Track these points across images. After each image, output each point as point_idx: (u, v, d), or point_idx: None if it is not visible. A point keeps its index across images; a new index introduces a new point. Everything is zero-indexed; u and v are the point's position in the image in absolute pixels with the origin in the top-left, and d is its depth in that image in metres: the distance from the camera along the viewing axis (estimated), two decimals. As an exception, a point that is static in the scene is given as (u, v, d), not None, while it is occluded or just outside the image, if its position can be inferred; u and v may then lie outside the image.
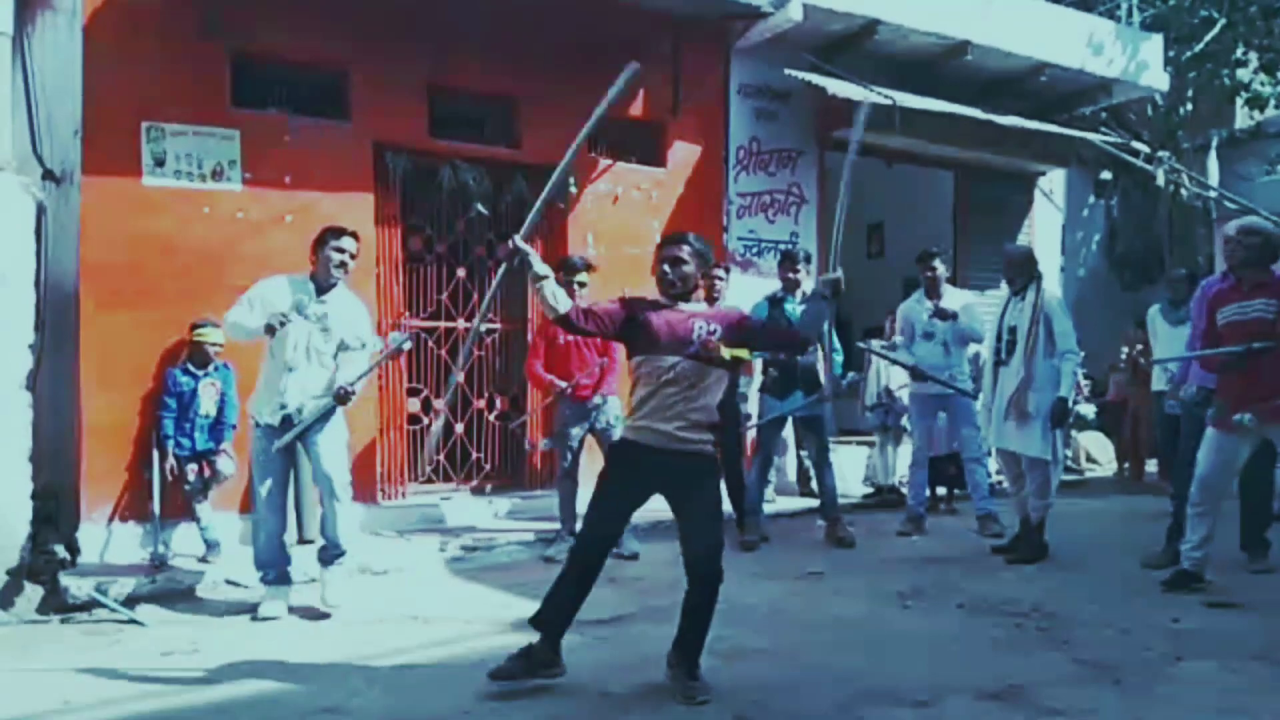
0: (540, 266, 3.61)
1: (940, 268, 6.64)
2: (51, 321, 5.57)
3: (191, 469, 5.50)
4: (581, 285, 5.79)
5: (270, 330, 4.42)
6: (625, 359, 3.81)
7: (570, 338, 5.80)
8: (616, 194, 7.34)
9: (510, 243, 3.66)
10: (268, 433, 4.56)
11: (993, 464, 6.89)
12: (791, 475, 7.88)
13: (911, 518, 6.67)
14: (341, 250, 4.59)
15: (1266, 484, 5.56)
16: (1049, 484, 5.68)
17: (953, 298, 6.68)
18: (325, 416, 4.59)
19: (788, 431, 7.06)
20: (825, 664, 3.86)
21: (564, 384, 5.78)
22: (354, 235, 4.70)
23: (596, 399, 5.87)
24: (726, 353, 3.53)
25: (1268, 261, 4.69)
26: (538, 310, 7.10)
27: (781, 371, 6.21)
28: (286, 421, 4.54)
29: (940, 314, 6.42)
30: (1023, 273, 5.77)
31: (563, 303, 3.61)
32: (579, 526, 4.02)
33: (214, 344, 5.57)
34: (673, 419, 3.54)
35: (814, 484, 6.75)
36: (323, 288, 4.60)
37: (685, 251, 3.68)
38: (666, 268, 3.67)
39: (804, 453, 7.40)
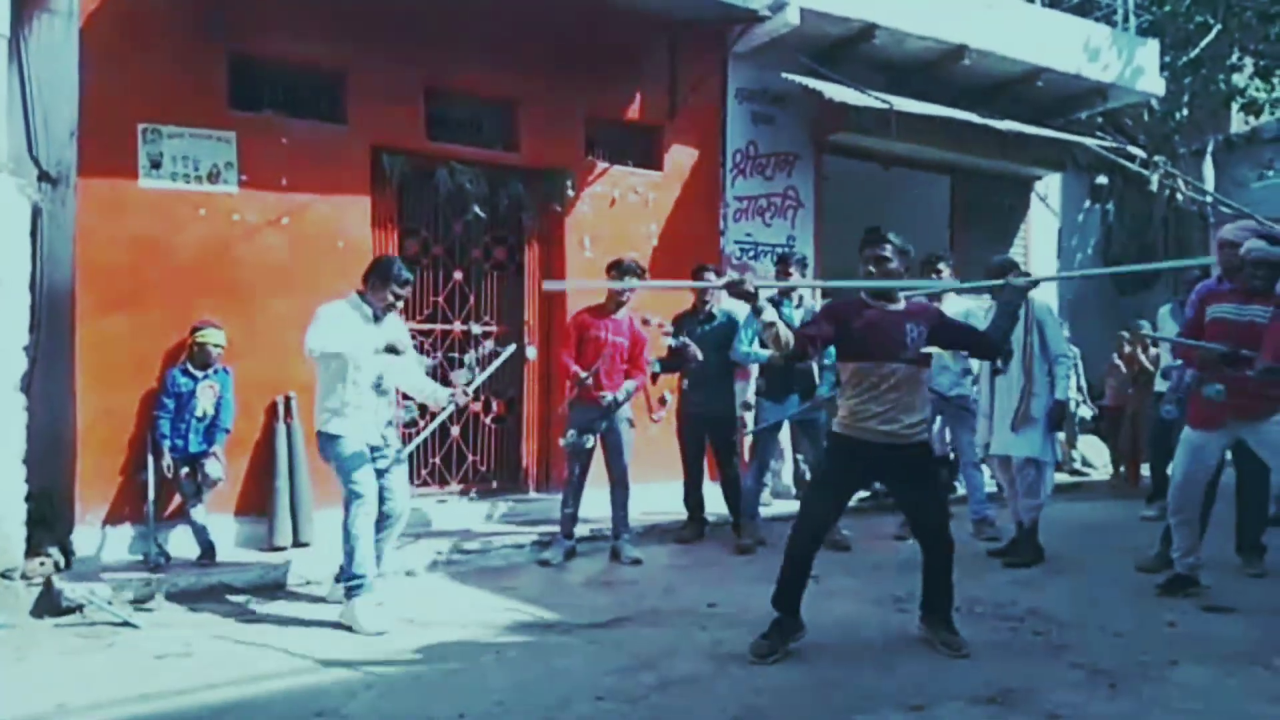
0: (769, 313, 3.81)
1: (945, 273, 6.64)
2: (47, 323, 5.56)
3: (184, 471, 5.48)
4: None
5: (392, 351, 4.63)
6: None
7: (602, 334, 5.86)
8: (613, 197, 7.34)
9: (744, 281, 3.86)
10: (358, 449, 4.66)
11: (986, 468, 6.89)
12: (788, 478, 7.87)
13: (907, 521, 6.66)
14: (401, 296, 4.82)
15: (1263, 488, 5.57)
16: (1039, 484, 5.72)
17: (953, 303, 6.68)
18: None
19: (784, 435, 7.06)
20: (821, 667, 3.86)
21: (585, 374, 5.75)
22: (412, 277, 4.97)
23: (608, 397, 5.82)
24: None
25: (1273, 285, 4.71)
26: (540, 308, 7.12)
27: (778, 376, 6.21)
28: (381, 440, 4.79)
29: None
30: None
31: (786, 338, 3.80)
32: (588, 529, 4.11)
33: (215, 345, 5.56)
34: (898, 416, 3.86)
35: (810, 487, 6.75)
36: (377, 314, 4.76)
37: (888, 250, 3.94)
38: (871, 268, 3.95)
39: (800, 456, 7.40)
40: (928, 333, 3.90)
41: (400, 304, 4.86)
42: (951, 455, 6.98)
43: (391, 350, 4.63)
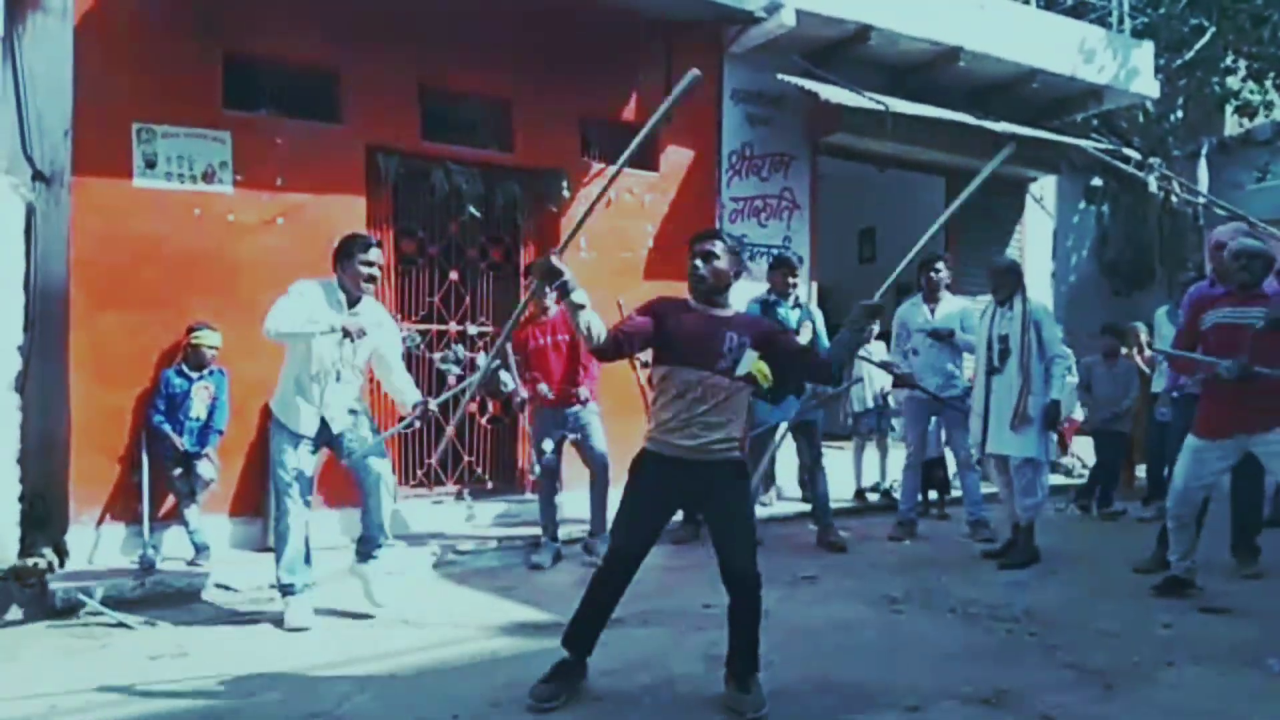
0: (579, 294, 3.38)
1: (943, 272, 6.68)
2: (41, 323, 5.54)
3: (177, 471, 5.47)
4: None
5: (346, 334, 4.42)
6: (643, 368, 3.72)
7: (544, 341, 5.84)
8: (609, 198, 7.32)
9: (549, 259, 3.43)
10: (297, 441, 4.52)
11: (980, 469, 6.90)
12: (787, 480, 7.85)
13: (903, 522, 6.67)
14: (370, 264, 4.55)
15: (1257, 490, 5.58)
16: (1035, 484, 5.73)
17: (949, 303, 6.70)
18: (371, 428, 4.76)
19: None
20: (816, 668, 3.86)
21: (546, 388, 5.79)
22: (379, 244, 4.70)
23: (575, 405, 5.86)
24: (746, 367, 3.42)
25: (1262, 278, 4.73)
26: (531, 306, 7.10)
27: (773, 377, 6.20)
28: (325, 430, 4.57)
29: (936, 335, 6.46)
30: (1007, 283, 5.88)
31: (596, 330, 3.40)
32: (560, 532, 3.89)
33: (211, 347, 5.55)
34: (701, 432, 3.43)
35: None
36: (352, 298, 4.58)
37: (719, 247, 3.56)
38: (698, 262, 3.54)
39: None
40: (751, 342, 3.47)
41: (377, 274, 4.61)
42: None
43: (345, 334, 4.40)
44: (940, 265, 6.71)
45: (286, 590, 4.54)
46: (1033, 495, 5.74)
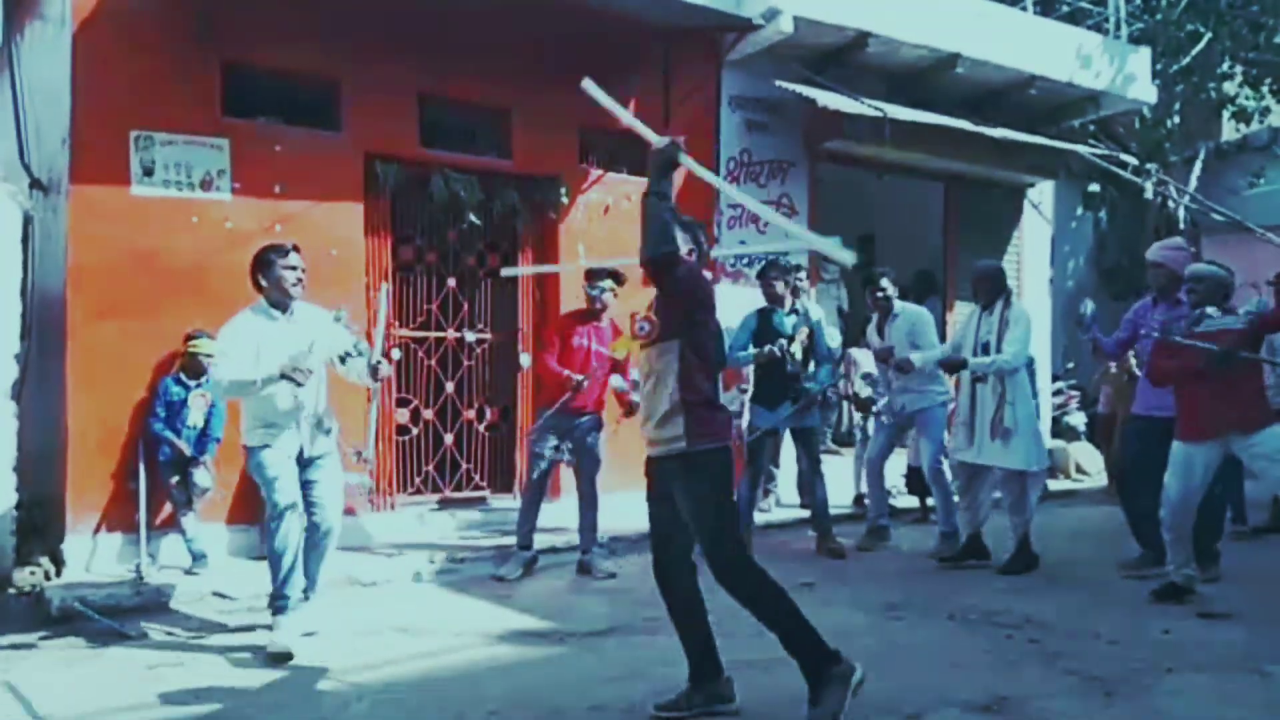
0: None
1: (888, 290, 6.45)
2: (38, 331, 5.55)
3: (174, 479, 5.46)
4: (612, 293, 5.69)
5: (285, 378, 4.20)
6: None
7: (586, 343, 5.68)
8: (607, 204, 7.34)
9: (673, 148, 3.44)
10: (279, 456, 4.33)
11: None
12: (786, 487, 7.83)
13: (871, 530, 6.54)
14: (293, 268, 4.38)
15: (1219, 497, 5.49)
16: (1026, 498, 5.70)
17: (900, 320, 6.49)
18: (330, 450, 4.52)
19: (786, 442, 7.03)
20: (816, 676, 3.84)
21: (580, 377, 5.56)
22: (296, 248, 4.49)
23: (587, 414, 5.73)
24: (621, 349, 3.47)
25: (1220, 300, 4.83)
26: (533, 316, 7.10)
27: (768, 381, 6.20)
28: (300, 453, 4.39)
29: (897, 366, 6.26)
30: (986, 288, 5.85)
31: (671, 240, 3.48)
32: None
33: (208, 355, 5.54)
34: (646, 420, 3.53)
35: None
36: (283, 308, 4.40)
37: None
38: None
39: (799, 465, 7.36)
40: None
41: (303, 276, 4.40)
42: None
43: (286, 378, 4.18)
44: (885, 284, 6.45)
45: (283, 604, 4.29)
46: (1022, 513, 5.71)
